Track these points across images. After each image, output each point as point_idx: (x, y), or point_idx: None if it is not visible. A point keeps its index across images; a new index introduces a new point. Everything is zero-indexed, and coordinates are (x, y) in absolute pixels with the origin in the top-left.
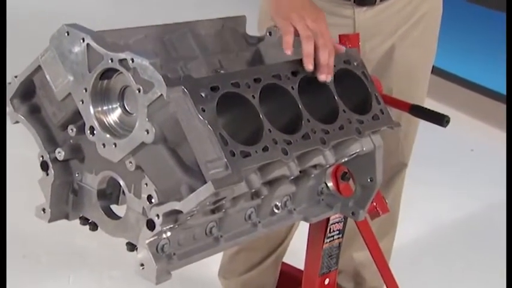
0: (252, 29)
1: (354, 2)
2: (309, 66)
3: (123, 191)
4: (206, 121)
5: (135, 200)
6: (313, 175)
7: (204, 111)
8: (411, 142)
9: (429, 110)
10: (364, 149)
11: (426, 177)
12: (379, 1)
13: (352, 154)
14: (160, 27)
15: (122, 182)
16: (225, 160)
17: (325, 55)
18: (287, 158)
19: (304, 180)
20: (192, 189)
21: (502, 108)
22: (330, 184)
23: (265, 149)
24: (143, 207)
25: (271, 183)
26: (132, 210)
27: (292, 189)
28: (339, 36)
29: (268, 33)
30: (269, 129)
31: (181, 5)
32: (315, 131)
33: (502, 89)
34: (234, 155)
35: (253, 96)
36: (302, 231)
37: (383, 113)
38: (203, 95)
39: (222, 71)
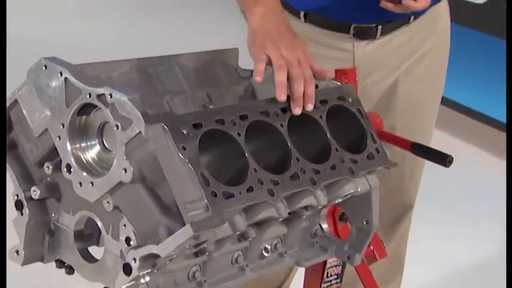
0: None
1: (354, 35)
2: (281, 96)
3: None
4: (186, 160)
5: (113, 242)
6: (304, 216)
7: (184, 149)
8: (417, 182)
9: (431, 149)
10: (359, 189)
11: (434, 217)
12: (379, 35)
13: (346, 195)
14: (146, 59)
15: (99, 223)
16: (206, 201)
17: (298, 86)
18: (273, 199)
19: (296, 222)
20: (170, 232)
21: None
22: (325, 226)
23: (250, 189)
24: (121, 250)
25: (259, 225)
26: (109, 253)
27: (283, 231)
28: (335, 71)
29: None
30: (254, 169)
31: (183, 30)
32: (304, 170)
33: None
34: (215, 195)
35: (238, 133)
36: (302, 274)
37: (379, 152)
38: (184, 132)
39: (211, 106)
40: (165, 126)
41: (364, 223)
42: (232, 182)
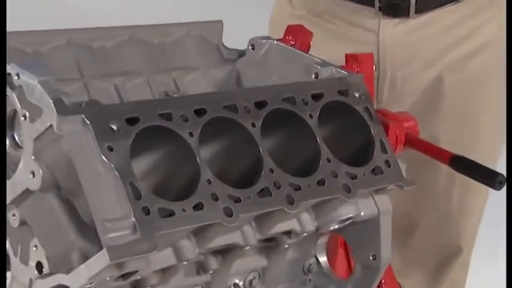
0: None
1: (380, 9)
2: None
3: None
4: (112, 165)
5: (21, 268)
6: (287, 245)
7: (111, 150)
8: (471, 216)
9: (476, 164)
10: (362, 213)
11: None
12: (413, 13)
13: (343, 220)
14: (91, 31)
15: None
16: (133, 220)
17: None
18: (231, 220)
19: (279, 252)
20: (85, 258)
21: None
22: (323, 259)
23: (198, 206)
24: (30, 279)
25: (223, 254)
26: (16, 281)
27: (261, 264)
28: (346, 56)
29: (250, 47)
30: (208, 180)
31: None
32: (279, 185)
33: None
34: (148, 213)
35: (190, 133)
36: None
37: (389, 166)
38: (114, 128)
39: (176, 96)
40: (86, 119)
41: (371, 258)
42: (176, 196)
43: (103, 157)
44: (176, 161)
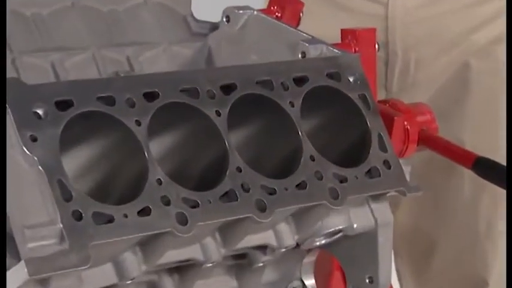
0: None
1: None
2: None
3: None
4: (35, 158)
5: None
6: (262, 264)
7: (35, 140)
8: (504, 239)
9: (500, 166)
10: (356, 226)
11: None
12: None
13: (332, 233)
14: None
15: None
16: (60, 226)
17: None
18: (185, 229)
19: (252, 272)
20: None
21: None
22: (310, 283)
23: (145, 211)
24: None
25: (180, 273)
26: None
27: (231, 286)
28: (341, 31)
29: (225, 19)
30: (158, 180)
31: None
32: (248, 187)
33: None
34: (80, 218)
35: (137, 121)
36: None
37: (389, 167)
38: (40, 113)
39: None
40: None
41: (367, 281)
42: (118, 199)
43: (24, 149)
44: (119, 155)
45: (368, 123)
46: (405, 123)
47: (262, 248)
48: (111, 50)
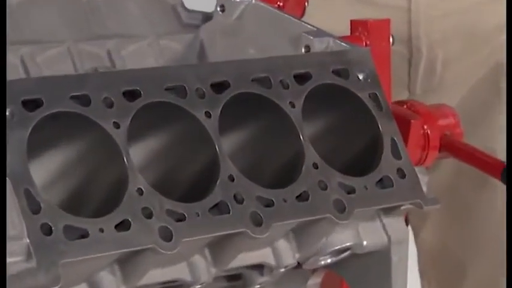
0: None
1: None
2: None
3: None
4: None
5: None
6: (258, 285)
7: None
8: None
9: None
10: (365, 243)
11: None
12: None
13: (338, 251)
14: None
15: None
16: (27, 241)
17: None
18: (169, 246)
19: None
20: None
21: None
22: None
23: (123, 225)
24: None
25: None
26: None
27: None
28: (351, 22)
29: (219, 8)
30: (139, 189)
31: None
32: (242, 198)
33: None
34: (49, 232)
35: (115, 124)
36: None
37: (403, 176)
38: (7, 114)
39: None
40: None
41: None
42: (95, 211)
43: None
44: (95, 162)
45: (380, 126)
46: (424, 127)
47: (259, 267)
48: (90, 43)
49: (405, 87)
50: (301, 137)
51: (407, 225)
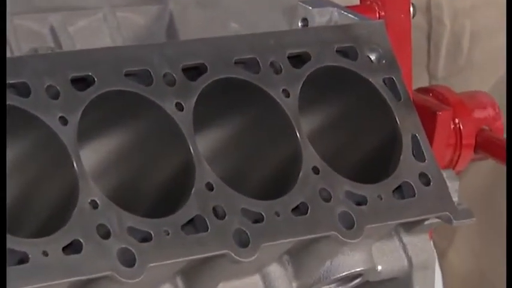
0: None
1: None
2: None
3: None
4: None
5: None
6: None
7: None
8: None
9: None
10: (380, 268)
11: None
12: None
13: (347, 279)
14: None
15: None
16: None
17: None
18: (131, 273)
19: None
20: None
21: None
22: None
23: (73, 247)
24: None
25: None
26: None
27: None
28: None
29: None
30: (93, 201)
31: None
32: (223, 212)
33: None
34: None
35: (62, 119)
36: None
37: (428, 183)
38: None
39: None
40: None
41: None
42: (38, 229)
43: None
44: (37, 167)
45: (397, 120)
46: (456, 120)
47: None
48: (28, 17)
49: (423, 68)
50: (297, 134)
51: None
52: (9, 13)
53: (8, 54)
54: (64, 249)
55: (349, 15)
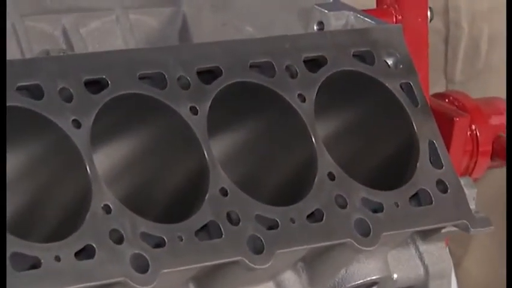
0: None
1: None
2: None
3: None
4: None
5: None
6: None
7: None
8: None
9: None
10: (396, 276)
11: None
12: None
13: (361, 287)
14: None
15: None
16: None
17: None
18: (143, 279)
19: None
20: None
21: None
22: None
23: (85, 252)
24: None
25: None
26: None
27: None
28: None
29: None
30: (106, 206)
31: None
32: (237, 218)
33: None
34: None
35: (75, 122)
36: None
37: (446, 191)
38: None
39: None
40: None
41: None
42: (48, 233)
43: None
44: (50, 170)
45: (414, 125)
46: (473, 127)
47: None
48: (40, 19)
49: (441, 72)
50: (313, 140)
51: None
52: (20, 14)
53: (19, 56)
54: (76, 254)
55: (366, 19)
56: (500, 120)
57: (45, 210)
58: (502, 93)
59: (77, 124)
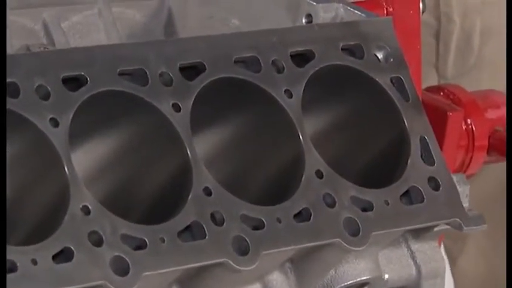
0: None
1: None
2: None
3: None
4: None
5: None
6: None
7: None
8: None
9: None
10: (387, 277)
11: None
12: None
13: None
14: None
15: None
16: None
17: None
18: (123, 283)
19: None
20: None
21: None
22: None
23: (63, 255)
24: None
25: None
26: None
27: None
28: None
29: None
30: (85, 207)
31: None
32: (221, 219)
33: None
34: None
35: (53, 120)
36: None
37: (438, 188)
38: None
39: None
40: None
41: None
42: (24, 235)
43: None
44: (25, 170)
45: (405, 121)
46: (468, 121)
47: None
48: (20, 13)
49: (432, 67)
50: (300, 137)
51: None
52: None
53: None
54: (54, 257)
55: (356, 11)
56: (497, 114)
57: (22, 211)
58: (495, 88)
59: (55, 123)
